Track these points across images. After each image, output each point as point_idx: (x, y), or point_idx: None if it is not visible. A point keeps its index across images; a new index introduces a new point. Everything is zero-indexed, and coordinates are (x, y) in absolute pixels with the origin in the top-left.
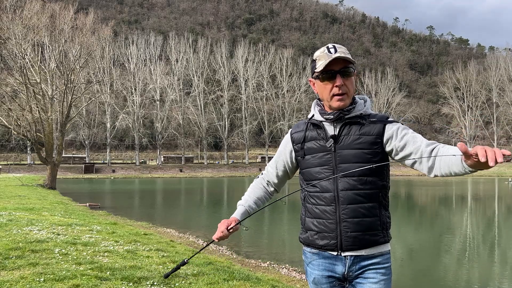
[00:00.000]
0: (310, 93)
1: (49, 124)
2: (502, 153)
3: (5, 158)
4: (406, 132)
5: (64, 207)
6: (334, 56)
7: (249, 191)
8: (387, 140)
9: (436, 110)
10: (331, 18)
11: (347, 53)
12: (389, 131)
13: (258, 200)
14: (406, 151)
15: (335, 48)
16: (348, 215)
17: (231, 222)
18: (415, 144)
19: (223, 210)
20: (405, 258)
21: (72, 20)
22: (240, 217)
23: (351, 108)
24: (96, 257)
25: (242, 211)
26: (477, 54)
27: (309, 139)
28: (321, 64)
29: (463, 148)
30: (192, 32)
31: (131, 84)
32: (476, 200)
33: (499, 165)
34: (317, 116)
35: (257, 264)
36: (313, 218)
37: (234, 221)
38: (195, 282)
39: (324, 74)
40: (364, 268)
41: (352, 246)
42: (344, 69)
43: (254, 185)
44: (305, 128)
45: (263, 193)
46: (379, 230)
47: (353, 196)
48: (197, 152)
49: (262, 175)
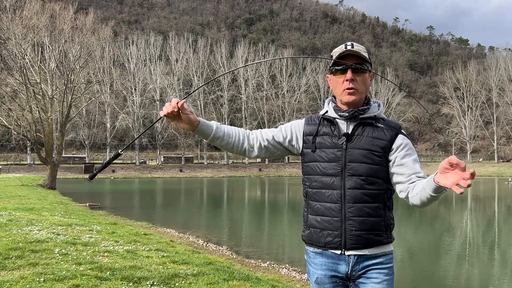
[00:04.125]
0: (310, 93)
1: (49, 124)
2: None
3: (5, 158)
4: (410, 153)
5: (64, 207)
6: (348, 49)
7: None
8: (393, 149)
9: (436, 110)
10: (331, 18)
11: (363, 51)
12: (399, 142)
13: (231, 130)
14: (400, 170)
15: (352, 45)
16: (354, 213)
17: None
18: (410, 170)
19: (223, 210)
20: (405, 258)
21: (72, 20)
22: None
23: (366, 108)
24: (96, 257)
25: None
26: (477, 54)
27: (322, 134)
28: (334, 57)
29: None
30: (192, 32)
31: (131, 84)
32: (476, 200)
33: (499, 165)
34: (331, 112)
35: (257, 264)
36: (316, 215)
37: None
38: (195, 282)
39: (336, 67)
40: (367, 268)
41: (356, 244)
42: (356, 65)
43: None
44: (318, 122)
45: (240, 133)
46: (383, 230)
47: (360, 195)
48: (197, 152)
49: (253, 131)
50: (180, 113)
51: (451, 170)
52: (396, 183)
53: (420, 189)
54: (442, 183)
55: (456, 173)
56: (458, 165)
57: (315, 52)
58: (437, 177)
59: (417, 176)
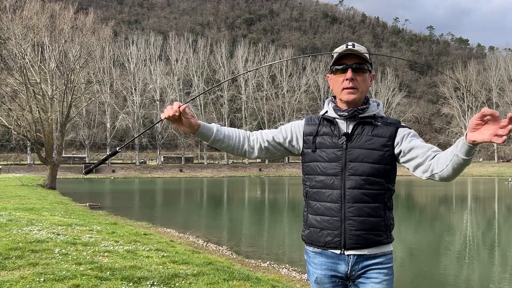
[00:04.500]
0: (310, 93)
1: (49, 124)
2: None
3: (5, 158)
4: (415, 138)
5: (64, 207)
6: (348, 48)
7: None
8: (397, 143)
9: (436, 110)
10: (331, 18)
11: (364, 51)
12: (401, 134)
13: (231, 132)
14: (412, 154)
15: (353, 45)
16: (354, 213)
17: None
18: (422, 148)
19: (223, 210)
20: (405, 258)
21: (72, 20)
22: (203, 125)
23: (365, 107)
24: (96, 257)
25: (211, 124)
26: (477, 54)
27: (321, 134)
28: (335, 57)
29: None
30: (192, 32)
31: (131, 84)
32: (476, 200)
33: (499, 165)
34: (331, 112)
35: (257, 264)
36: (316, 215)
37: (190, 114)
38: (195, 282)
39: (337, 67)
40: (367, 267)
41: (356, 244)
42: (356, 65)
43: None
44: (318, 123)
45: (241, 135)
46: (383, 230)
47: (360, 195)
48: (197, 152)
49: (253, 132)
50: (181, 116)
51: (483, 125)
52: (415, 167)
53: (448, 159)
54: (480, 139)
55: (490, 125)
56: (492, 115)
57: (315, 52)
58: (471, 136)
59: (432, 151)
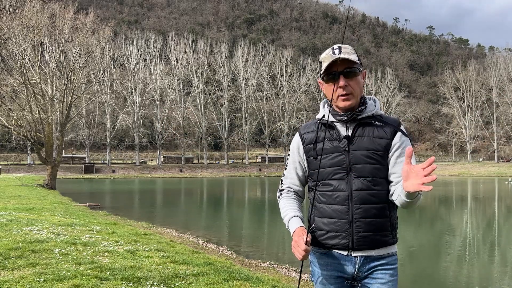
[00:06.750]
0: (310, 93)
1: (49, 124)
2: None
3: (5, 158)
4: (403, 153)
5: (64, 207)
6: (334, 58)
7: (287, 205)
8: (392, 146)
9: (436, 110)
10: (331, 18)
11: (351, 53)
12: (396, 140)
13: (300, 206)
14: (392, 170)
15: (339, 49)
16: (361, 215)
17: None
18: (399, 170)
19: (223, 210)
20: (406, 258)
21: (72, 20)
22: (303, 223)
23: (363, 108)
24: (96, 257)
25: (300, 219)
26: (477, 54)
27: (321, 140)
28: (324, 66)
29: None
30: (192, 32)
31: (131, 84)
32: (476, 200)
33: (499, 165)
34: (329, 116)
35: (257, 264)
36: (323, 217)
37: (303, 230)
38: (195, 282)
39: (328, 76)
40: (373, 268)
41: (363, 246)
42: (347, 70)
43: (287, 199)
44: (316, 129)
45: (300, 201)
46: (388, 231)
47: (366, 196)
48: (197, 152)
49: (284, 189)
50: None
51: (412, 170)
52: (388, 182)
53: (396, 195)
54: (412, 190)
55: (416, 173)
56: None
57: (315, 52)
58: (405, 186)
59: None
